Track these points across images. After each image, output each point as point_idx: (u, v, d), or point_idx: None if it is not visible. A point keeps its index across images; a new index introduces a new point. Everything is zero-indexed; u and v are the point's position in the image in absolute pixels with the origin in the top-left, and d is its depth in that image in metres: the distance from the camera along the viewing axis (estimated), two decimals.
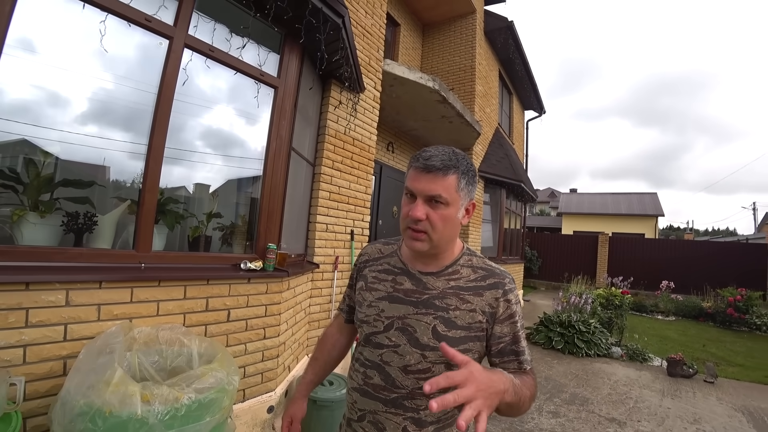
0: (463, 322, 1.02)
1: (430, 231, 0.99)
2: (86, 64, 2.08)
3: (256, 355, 2.59)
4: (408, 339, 1.03)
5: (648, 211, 23.57)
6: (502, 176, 8.63)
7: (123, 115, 2.29)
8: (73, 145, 2.13)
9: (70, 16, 1.96)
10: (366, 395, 1.07)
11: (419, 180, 0.99)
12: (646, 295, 11.29)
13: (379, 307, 1.10)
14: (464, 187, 1.01)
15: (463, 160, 1.02)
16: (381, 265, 1.17)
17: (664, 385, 4.74)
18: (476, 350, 1.03)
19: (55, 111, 2.07)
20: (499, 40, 8.92)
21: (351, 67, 3.52)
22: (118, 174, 2.37)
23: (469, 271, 1.08)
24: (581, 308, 6.65)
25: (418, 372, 1.02)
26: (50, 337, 1.70)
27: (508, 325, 1.04)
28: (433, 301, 1.04)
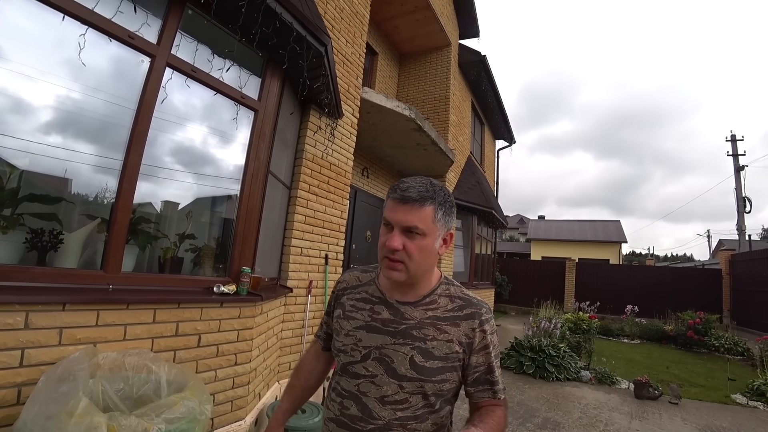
0: (440, 352, 1.02)
1: (407, 261, 1.00)
2: (65, 77, 2.03)
3: (227, 381, 2.49)
4: (385, 369, 1.03)
5: (612, 237, 24.55)
6: (474, 203, 8.82)
7: (97, 129, 2.23)
8: (42, 158, 2.04)
9: (49, 27, 1.93)
10: (342, 426, 1.06)
11: (396, 211, 1.01)
12: (612, 319, 11.59)
13: (356, 336, 1.09)
14: (441, 217, 1.02)
15: (440, 192, 1.03)
16: (359, 294, 1.16)
17: (632, 408, 4.84)
18: (453, 380, 1.04)
19: (23, 120, 1.99)
20: (473, 72, 9.30)
21: (331, 94, 3.58)
22: (88, 190, 2.28)
23: (446, 301, 1.09)
24: (551, 333, 6.75)
25: (396, 403, 1.02)
26: (5, 362, 1.59)
27: (483, 355, 1.06)
28: (411, 331, 1.04)
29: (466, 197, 8.76)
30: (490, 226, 10.99)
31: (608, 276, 14.95)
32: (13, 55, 1.86)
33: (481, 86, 9.81)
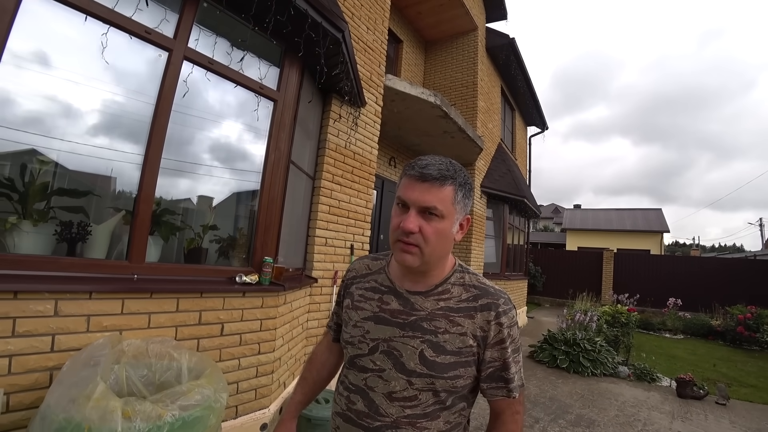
0: (452, 347, 0.95)
1: (422, 245, 0.92)
2: (87, 75, 2.09)
3: (250, 370, 2.53)
4: (393, 363, 0.97)
5: (653, 227, 23.40)
6: (505, 191, 8.59)
7: (120, 125, 2.29)
8: (72, 155, 2.13)
9: (73, 29, 1.98)
10: (349, 421, 1.01)
11: (413, 189, 0.93)
12: (653, 313, 11.10)
13: (364, 327, 1.03)
14: (461, 200, 0.95)
15: (460, 172, 0.96)
16: (368, 283, 1.10)
17: (674, 407, 4.60)
18: (467, 376, 0.97)
19: (56, 120, 2.07)
20: (501, 56, 9.00)
21: (351, 82, 3.53)
22: (115, 184, 2.36)
23: (460, 290, 1.01)
24: (586, 326, 6.53)
25: (404, 399, 0.95)
26: (37, 347, 1.67)
27: (498, 350, 0.97)
28: (421, 323, 0.97)
29: (496, 185, 8.55)
30: (523, 215, 10.69)
31: (649, 267, 14.22)
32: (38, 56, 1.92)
33: (510, 70, 9.48)
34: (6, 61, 1.72)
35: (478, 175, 8.18)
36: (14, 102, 1.89)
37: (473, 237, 7.81)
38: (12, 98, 1.87)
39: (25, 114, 1.95)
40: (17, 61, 1.80)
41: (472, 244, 7.79)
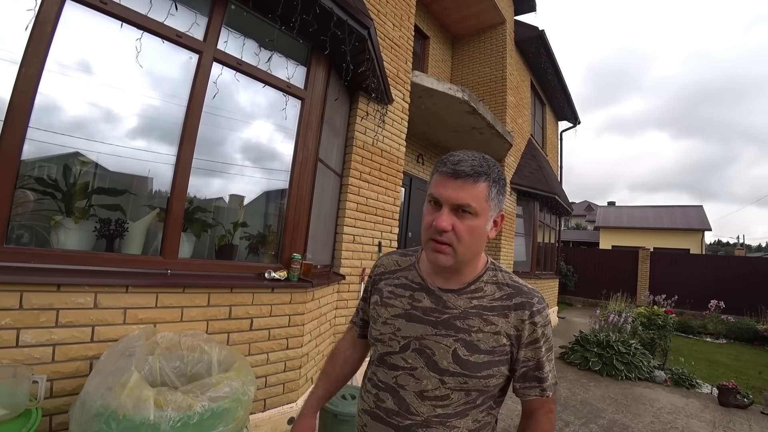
0: (486, 345, 0.93)
1: (455, 243, 0.90)
2: (123, 80, 2.19)
3: (278, 365, 2.58)
4: (426, 362, 0.95)
5: (693, 225, 22.27)
6: (536, 188, 8.40)
7: (156, 127, 2.38)
8: (110, 156, 2.23)
9: (109, 36, 2.07)
10: (377, 419, 0.99)
11: (446, 186, 0.90)
12: (692, 315, 10.59)
13: (395, 325, 1.01)
14: (495, 196, 0.92)
15: (494, 167, 0.93)
16: (398, 279, 1.08)
17: (715, 416, 4.35)
18: (500, 375, 0.95)
19: (95, 124, 2.17)
20: (531, 49, 8.79)
21: (378, 79, 3.53)
22: (150, 183, 2.46)
23: (493, 289, 0.99)
24: (620, 327, 6.30)
25: (436, 399, 0.94)
26: (78, 337, 1.76)
27: (532, 349, 0.95)
28: (454, 321, 0.95)
29: (526, 182, 8.36)
30: (554, 212, 10.41)
31: (688, 267, 13.53)
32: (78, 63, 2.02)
33: (540, 64, 9.24)
34: (49, 69, 1.81)
35: (508, 171, 8.03)
36: (57, 107, 1.99)
37: (503, 235, 7.68)
38: (55, 104, 1.97)
39: (67, 119, 2.06)
40: (59, 69, 1.90)
41: (502, 242, 7.66)
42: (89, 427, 1.26)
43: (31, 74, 1.73)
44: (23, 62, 1.72)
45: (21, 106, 1.70)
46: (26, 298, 1.64)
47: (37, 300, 1.66)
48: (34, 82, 1.74)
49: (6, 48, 1.73)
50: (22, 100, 1.70)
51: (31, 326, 1.64)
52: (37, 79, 1.75)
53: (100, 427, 1.25)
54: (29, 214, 1.97)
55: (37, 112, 1.77)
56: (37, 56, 1.74)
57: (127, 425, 1.26)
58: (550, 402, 0.99)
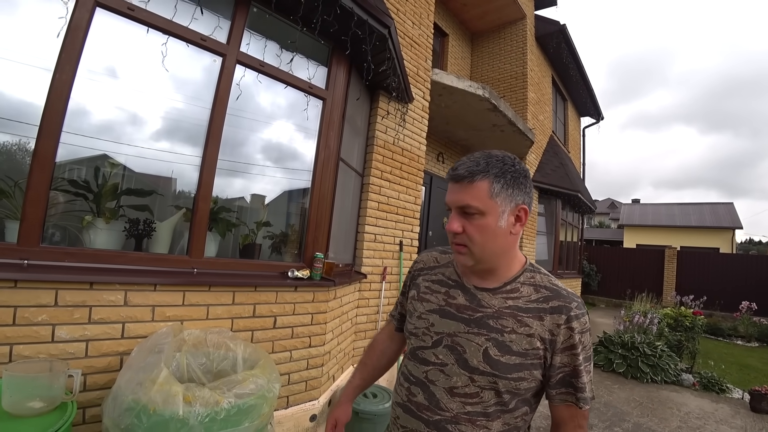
0: (518, 347, 0.93)
1: (469, 244, 0.94)
2: (149, 84, 2.25)
3: (301, 363, 2.61)
4: (456, 359, 0.96)
5: (723, 223, 21.42)
6: (558, 186, 8.25)
7: (181, 129, 2.44)
8: (138, 158, 2.30)
9: (136, 41, 2.13)
10: (408, 412, 1.01)
11: (450, 192, 0.95)
12: (722, 317, 10.21)
13: (429, 320, 1.04)
14: (500, 191, 0.91)
15: (497, 163, 0.93)
16: (435, 275, 1.11)
17: (747, 422, 4.19)
18: (531, 379, 0.94)
19: (124, 127, 2.25)
20: (552, 44, 8.63)
21: (399, 78, 3.53)
22: (176, 184, 2.52)
23: (530, 290, 0.98)
24: (646, 329, 6.12)
25: (465, 396, 0.94)
26: (109, 333, 1.82)
27: (568, 355, 0.93)
28: (487, 320, 0.96)
29: (548, 180, 8.22)
30: (576, 210, 10.21)
31: (718, 267, 13.00)
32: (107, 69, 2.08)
33: (561, 59, 9.07)
34: (79, 74, 1.87)
35: (529, 169, 7.92)
36: (86, 111, 2.06)
37: (524, 234, 7.57)
38: (84, 108, 2.03)
39: (97, 122, 2.12)
40: (89, 74, 1.95)
41: (524, 241, 7.55)
42: (121, 421, 1.30)
43: (64, 79, 1.79)
44: (57, 68, 1.78)
45: (55, 111, 1.76)
46: (61, 295, 1.70)
47: (71, 297, 1.72)
48: (68, 87, 1.80)
49: (39, 55, 1.80)
50: (56, 105, 1.76)
51: (66, 322, 1.71)
52: (70, 84, 1.81)
53: (131, 421, 1.29)
54: (62, 215, 2.05)
55: (67, 116, 1.83)
56: (69, 62, 1.80)
57: (158, 420, 1.29)
58: (581, 417, 0.96)
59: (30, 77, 1.84)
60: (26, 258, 1.68)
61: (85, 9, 1.84)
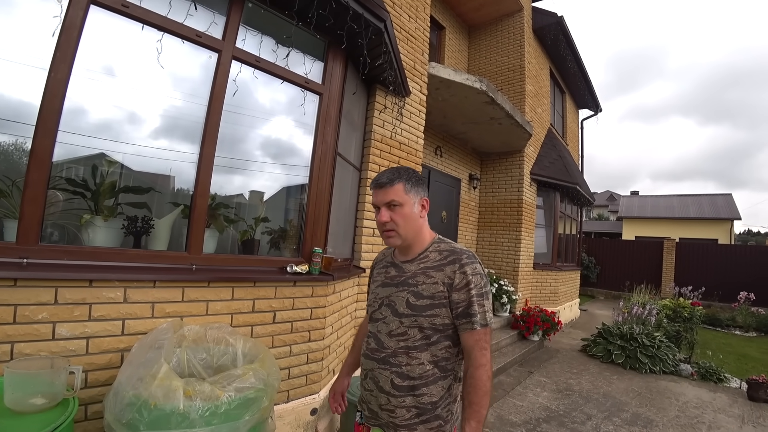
0: (427, 292, 1.30)
1: (396, 228, 1.34)
2: (144, 81, 2.24)
3: (301, 357, 2.63)
4: (391, 311, 1.36)
5: (721, 214, 21.46)
6: (556, 179, 8.25)
7: (178, 126, 2.44)
8: (135, 156, 2.30)
9: (131, 38, 2.12)
10: (367, 357, 1.41)
11: (376, 195, 1.36)
12: (720, 308, 10.26)
13: (376, 292, 1.46)
14: (410, 189, 1.35)
15: (404, 171, 1.37)
16: (382, 264, 1.52)
17: (744, 411, 4.24)
18: (443, 315, 1.29)
19: (120, 125, 2.24)
20: (549, 37, 8.58)
21: (395, 71, 3.52)
22: (174, 181, 2.53)
23: (436, 255, 1.36)
24: (644, 320, 6.17)
25: (399, 335, 1.33)
26: (110, 330, 1.83)
27: (464, 292, 1.28)
28: (408, 280, 1.36)
29: (546, 172, 8.21)
30: (575, 203, 10.20)
31: (716, 258, 13.07)
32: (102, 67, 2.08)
33: (559, 51, 9.00)
34: (75, 72, 1.86)
35: (528, 162, 7.90)
36: (83, 110, 2.06)
37: (523, 226, 7.58)
38: (81, 107, 2.03)
39: (93, 120, 2.12)
40: (84, 72, 1.95)
41: (522, 234, 7.56)
42: (123, 416, 1.32)
43: (60, 78, 1.79)
44: (52, 67, 1.78)
45: (51, 109, 1.76)
46: (61, 293, 1.71)
47: (71, 295, 1.73)
48: (63, 85, 1.80)
49: (34, 55, 1.80)
50: (52, 104, 1.76)
51: (66, 320, 1.72)
52: (66, 82, 1.81)
53: (132, 416, 1.30)
54: (61, 213, 2.06)
55: (64, 115, 1.83)
56: (64, 61, 1.80)
57: (159, 414, 1.31)
58: (482, 340, 1.26)
59: (26, 76, 1.84)
60: (25, 257, 1.69)
61: (79, 7, 1.84)
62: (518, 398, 4.14)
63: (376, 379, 1.34)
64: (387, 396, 1.30)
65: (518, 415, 3.72)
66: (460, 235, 7.60)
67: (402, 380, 1.29)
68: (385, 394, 1.31)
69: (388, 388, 1.30)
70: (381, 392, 1.32)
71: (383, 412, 1.32)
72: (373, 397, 1.35)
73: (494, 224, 8.01)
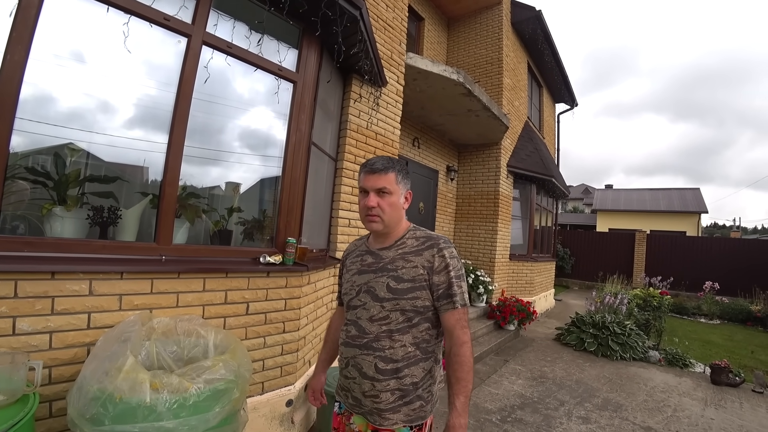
0: (408, 276, 1.33)
1: (381, 214, 1.36)
2: (111, 67, 2.15)
3: (275, 348, 2.61)
4: (371, 296, 1.37)
5: (690, 207, 22.33)
6: (532, 171, 8.38)
7: (144, 113, 2.35)
8: (101, 145, 2.21)
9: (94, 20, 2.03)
10: (347, 345, 1.41)
11: (368, 180, 1.38)
12: (687, 297, 10.70)
13: (353, 280, 1.46)
14: (401, 180, 1.40)
15: (397, 163, 1.42)
16: (355, 254, 1.54)
17: (707, 394, 4.45)
18: (424, 297, 1.33)
19: (85, 112, 2.15)
20: (527, 30, 8.66)
21: (371, 61, 3.49)
22: (142, 172, 2.44)
23: (413, 241, 1.41)
24: (616, 309, 6.38)
25: (380, 320, 1.34)
26: (74, 324, 1.77)
27: (443, 274, 1.33)
28: (386, 265, 1.38)
29: (523, 165, 8.33)
30: (551, 195, 10.40)
31: (684, 249, 13.65)
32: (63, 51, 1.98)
33: (537, 45, 9.11)
34: (35, 57, 1.77)
35: (504, 154, 8.00)
36: (47, 98, 1.97)
37: (499, 218, 7.69)
38: (44, 94, 1.94)
39: (57, 109, 2.03)
40: (46, 57, 1.86)
41: (498, 225, 7.67)
42: (87, 411, 1.28)
43: (16, 60, 1.70)
44: (8, 49, 1.68)
45: (7, 93, 1.67)
46: (21, 286, 1.64)
47: (32, 288, 1.66)
48: (20, 68, 1.71)
49: None
50: (8, 88, 1.67)
51: (27, 314, 1.65)
52: (23, 65, 1.72)
53: (97, 410, 1.27)
54: (21, 204, 1.96)
55: (30, 103, 1.75)
56: (20, 42, 1.71)
57: (124, 408, 1.28)
58: (463, 319, 1.33)
59: None
60: None
61: None
62: (494, 386, 4.23)
63: (359, 365, 1.35)
64: (371, 381, 1.32)
65: (494, 402, 3.81)
66: (438, 226, 7.65)
67: (386, 364, 1.31)
68: (369, 379, 1.32)
69: (372, 373, 1.32)
70: (365, 378, 1.33)
71: (367, 399, 1.34)
72: (356, 385, 1.36)
73: (471, 215, 8.10)
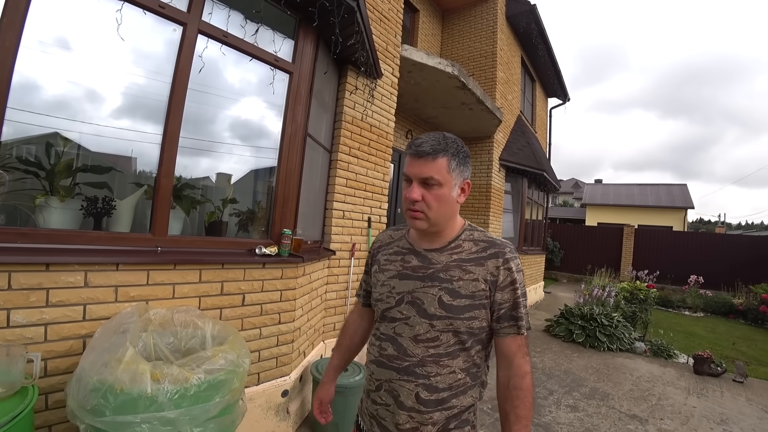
0: (466, 291, 1.08)
1: (426, 210, 1.08)
2: (104, 55, 2.11)
3: (271, 339, 2.62)
4: (417, 311, 1.10)
5: (677, 203, 22.69)
6: (524, 165, 8.44)
7: (139, 103, 2.32)
8: (94, 135, 2.18)
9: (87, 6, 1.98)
10: (381, 366, 1.15)
11: (413, 165, 1.09)
12: (672, 290, 10.94)
13: (390, 284, 1.18)
14: (455, 167, 1.09)
15: (453, 143, 1.10)
16: (391, 249, 1.25)
17: (690, 383, 4.58)
18: (482, 318, 1.10)
19: (77, 102, 2.11)
20: (522, 24, 8.66)
21: (367, 52, 3.46)
22: (137, 162, 2.41)
23: (470, 245, 1.14)
24: (604, 301, 6.49)
25: (428, 341, 1.09)
26: (70, 316, 1.76)
27: (509, 291, 1.10)
28: (438, 274, 1.11)
29: (515, 159, 8.39)
30: (542, 189, 10.50)
31: (670, 244, 13.91)
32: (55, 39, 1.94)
33: (531, 39, 9.13)
34: (26, 45, 1.74)
35: (497, 147, 8.04)
36: (36, 86, 1.93)
37: (491, 211, 7.75)
38: (34, 83, 1.90)
39: (48, 97, 2.00)
40: (39, 46, 1.82)
41: (490, 218, 7.73)
42: (87, 402, 1.28)
43: (8, 46, 1.66)
44: None
45: None
46: (15, 278, 1.62)
47: (26, 280, 1.64)
48: (12, 54, 1.67)
49: None
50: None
51: (22, 306, 1.63)
52: (14, 51, 1.68)
53: (97, 402, 1.27)
54: (12, 195, 1.93)
55: (16, 91, 1.71)
56: (12, 27, 1.67)
57: (125, 398, 1.28)
58: (525, 345, 1.12)
59: None
60: None
61: None
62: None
63: (395, 392, 1.10)
64: (409, 413, 1.08)
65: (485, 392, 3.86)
66: None
67: (430, 393, 1.08)
68: (406, 411, 1.09)
69: (410, 403, 1.08)
70: (401, 409, 1.09)
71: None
72: (389, 413, 1.12)
73: (463, 208, 8.14)
